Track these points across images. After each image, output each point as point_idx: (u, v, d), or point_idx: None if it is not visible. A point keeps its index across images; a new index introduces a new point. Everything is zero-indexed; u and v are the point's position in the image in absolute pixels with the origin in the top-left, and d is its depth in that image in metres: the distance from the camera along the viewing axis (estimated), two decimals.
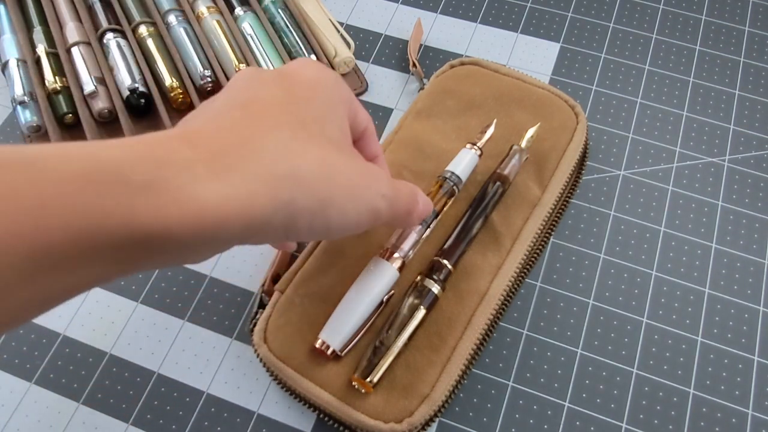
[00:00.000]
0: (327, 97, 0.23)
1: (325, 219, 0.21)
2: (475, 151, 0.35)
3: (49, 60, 0.42)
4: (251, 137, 0.20)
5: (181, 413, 0.34)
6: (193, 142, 0.18)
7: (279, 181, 0.19)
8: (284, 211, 0.19)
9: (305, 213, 0.20)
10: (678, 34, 0.46)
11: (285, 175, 0.19)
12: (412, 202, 0.27)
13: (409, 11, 0.48)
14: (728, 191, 0.40)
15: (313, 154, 0.21)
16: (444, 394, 0.31)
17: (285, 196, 0.19)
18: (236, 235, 0.18)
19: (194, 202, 0.17)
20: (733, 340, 0.35)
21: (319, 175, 0.21)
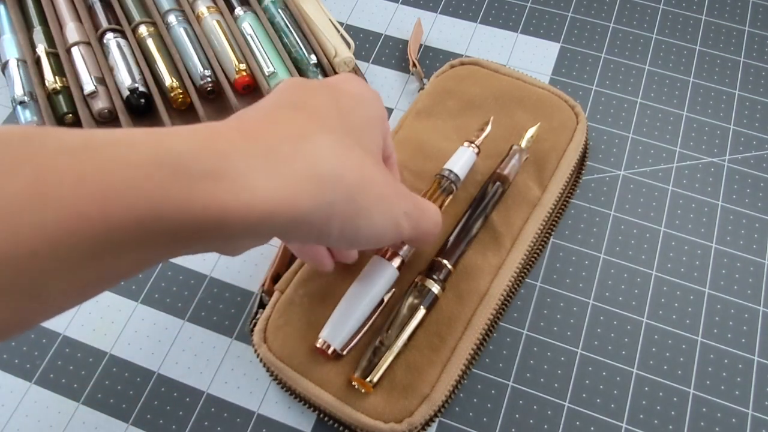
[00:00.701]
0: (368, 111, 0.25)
1: (355, 227, 0.22)
2: (473, 150, 0.35)
3: (49, 60, 0.42)
4: (302, 136, 0.20)
5: (181, 413, 0.34)
6: (250, 135, 0.19)
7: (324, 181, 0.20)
8: (323, 211, 0.20)
9: (340, 217, 0.21)
10: (678, 34, 0.46)
11: (330, 176, 0.20)
12: (435, 225, 0.28)
13: (409, 11, 0.48)
14: (728, 191, 0.40)
15: (355, 161, 0.22)
16: (444, 394, 0.31)
17: (327, 197, 0.20)
18: (279, 227, 0.19)
19: (249, 192, 0.18)
20: (733, 340, 0.35)
21: (359, 182, 0.21)
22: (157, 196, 0.16)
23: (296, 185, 0.19)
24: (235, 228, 0.18)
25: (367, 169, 0.22)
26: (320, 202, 0.20)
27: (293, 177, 0.19)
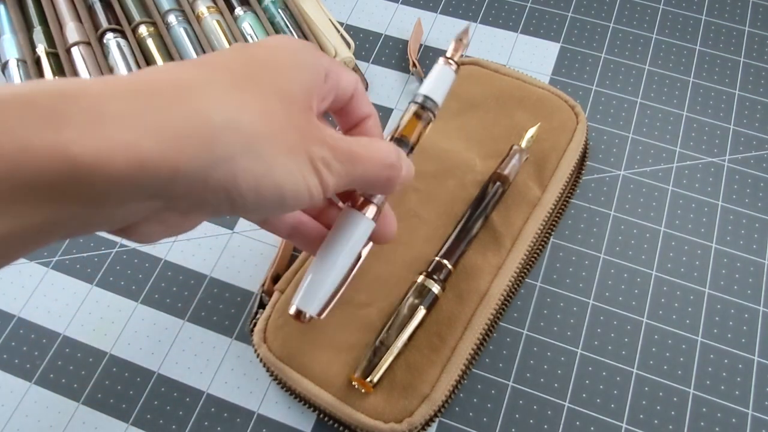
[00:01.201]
0: (287, 58, 0.22)
1: (274, 184, 0.19)
2: (452, 67, 0.28)
3: (49, 60, 0.42)
4: (187, 83, 0.18)
5: (181, 413, 0.34)
6: (133, 84, 0.17)
7: (215, 131, 0.17)
8: (223, 168, 0.18)
9: (249, 175, 0.18)
10: (678, 34, 0.46)
11: (222, 125, 0.18)
12: (384, 167, 0.23)
13: (409, 11, 0.48)
14: (728, 191, 0.40)
15: (256, 106, 0.19)
16: (444, 394, 0.31)
17: (221, 150, 0.18)
18: (165, 185, 0.17)
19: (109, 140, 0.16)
20: (733, 340, 0.35)
21: (264, 130, 0.19)
22: (22, 138, 0.15)
23: (173, 136, 0.17)
24: (97, 182, 0.16)
25: (273, 113, 0.19)
26: (213, 156, 0.17)
27: (170, 126, 0.17)
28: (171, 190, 0.17)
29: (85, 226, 0.18)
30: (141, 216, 0.19)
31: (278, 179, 0.19)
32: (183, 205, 0.19)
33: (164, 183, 0.17)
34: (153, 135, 0.16)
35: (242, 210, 0.20)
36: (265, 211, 0.20)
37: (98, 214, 0.17)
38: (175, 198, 0.18)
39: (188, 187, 0.18)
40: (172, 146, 0.17)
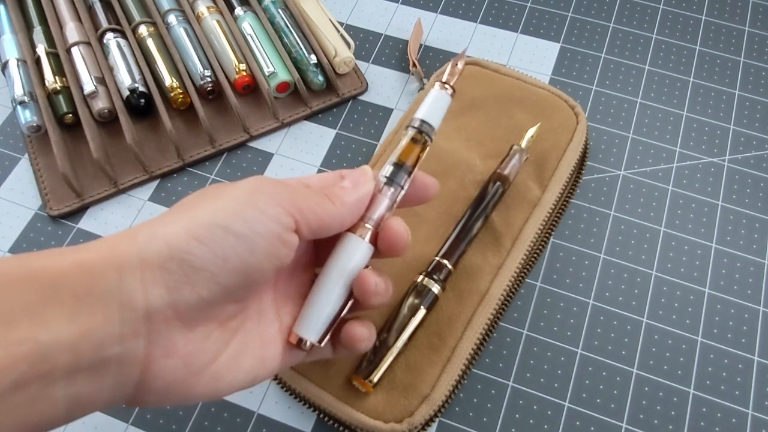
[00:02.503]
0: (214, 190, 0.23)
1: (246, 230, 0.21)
2: (448, 92, 0.29)
3: (49, 60, 0.42)
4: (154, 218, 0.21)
5: (181, 413, 0.34)
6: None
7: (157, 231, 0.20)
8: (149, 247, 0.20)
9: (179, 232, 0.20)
10: (678, 34, 0.46)
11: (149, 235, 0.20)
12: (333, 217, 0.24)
13: (409, 11, 0.48)
14: (728, 191, 0.40)
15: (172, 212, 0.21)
16: (444, 394, 0.31)
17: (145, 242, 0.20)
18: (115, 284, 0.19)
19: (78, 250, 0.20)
20: (733, 340, 0.35)
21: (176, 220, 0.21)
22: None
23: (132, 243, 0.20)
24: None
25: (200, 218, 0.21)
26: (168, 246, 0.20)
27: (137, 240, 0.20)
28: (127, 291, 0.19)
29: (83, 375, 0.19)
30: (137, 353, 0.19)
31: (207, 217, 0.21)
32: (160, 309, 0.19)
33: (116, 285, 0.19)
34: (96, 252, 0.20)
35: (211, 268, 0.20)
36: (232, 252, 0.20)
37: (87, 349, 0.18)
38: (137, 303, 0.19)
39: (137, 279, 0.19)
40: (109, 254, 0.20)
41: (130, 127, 0.40)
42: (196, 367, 0.21)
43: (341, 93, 0.44)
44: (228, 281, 0.20)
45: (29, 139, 0.42)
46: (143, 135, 0.42)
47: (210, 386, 0.21)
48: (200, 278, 0.20)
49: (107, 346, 0.18)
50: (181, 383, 0.20)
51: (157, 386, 0.20)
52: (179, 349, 0.20)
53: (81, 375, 0.18)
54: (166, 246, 0.19)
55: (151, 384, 0.20)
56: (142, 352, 0.19)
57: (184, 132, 0.42)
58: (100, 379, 0.19)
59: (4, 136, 0.43)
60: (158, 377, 0.20)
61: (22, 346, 0.17)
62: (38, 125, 0.41)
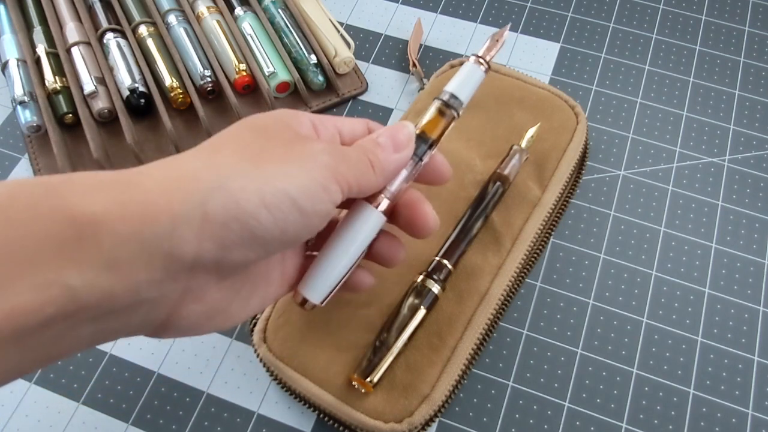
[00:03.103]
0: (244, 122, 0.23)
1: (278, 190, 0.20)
2: (482, 68, 0.28)
3: (49, 60, 0.42)
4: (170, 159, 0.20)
5: (181, 413, 0.34)
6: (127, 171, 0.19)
7: (195, 175, 0.19)
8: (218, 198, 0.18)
9: (248, 192, 0.19)
10: (678, 34, 0.46)
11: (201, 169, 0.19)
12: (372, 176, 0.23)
13: (409, 11, 0.48)
14: (728, 191, 0.40)
15: (230, 152, 0.20)
16: (444, 394, 0.31)
17: (207, 183, 0.19)
18: (167, 233, 0.17)
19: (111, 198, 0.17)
20: (733, 340, 0.35)
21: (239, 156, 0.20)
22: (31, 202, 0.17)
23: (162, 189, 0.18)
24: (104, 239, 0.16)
25: (249, 150, 0.20)
26: (201, 192, 0.18)
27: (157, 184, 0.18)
28: (179, 242, 0.18)
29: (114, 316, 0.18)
30: (172, 297, 0.19)
31: (280, 184, 0.20)
32: (205, 263, 0.19)
33: (168, 232, 0.17)
34: (144, 193, 0.17)
35: (268, 237, 0.20)
36: (292, 227, 0.20)
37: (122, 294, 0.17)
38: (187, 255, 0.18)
39: (193, 230, 0.18)
40: (162, 196, 0.18)
41: (130, 127, 0.40)
42: (217, 311, 0.21)
43: (341, 93, 0.44)
44: (275, 248, 0.21)
45: (29, 139, 0.42)
46: (143, 135, 0.42)
47: (221, 324, 0.22)
48: (255, 243, 0.20)
49: (144, 290, 0.18)
50: (201, 324, 0.21)
51: (180, 326, 0.20)
52: (208, 297, 0.21)
53: (111, 315, 0.18)
54: (235, 205, 0.18)
55: (175, 324, 0.20)
56: (174, 297, 0.19)
57: (184, 132, 0.42)
58: (129, 317, 0.18)
59: (4, 136, 0.43)
60: (183, 318, 0.20)
61: (52, 290, 0.16)
62: (38, 125, 0.41)
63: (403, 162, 0.24)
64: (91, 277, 0.16)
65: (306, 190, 0.20)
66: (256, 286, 0.23)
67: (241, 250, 0.19)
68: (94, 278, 0.16)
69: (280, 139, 0.22)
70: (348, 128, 0.25)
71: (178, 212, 0.18)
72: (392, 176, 0.24)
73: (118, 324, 0.18)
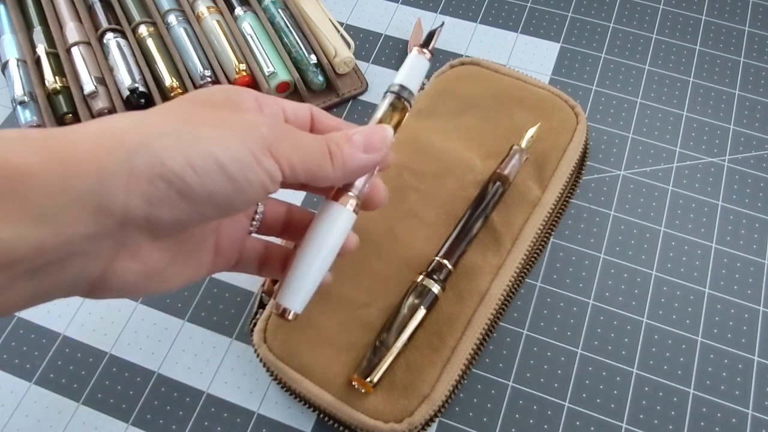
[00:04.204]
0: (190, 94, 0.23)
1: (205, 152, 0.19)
2: (426, 56, 0.28)
3: (49, 60, 0.42)
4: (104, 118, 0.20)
5: (181, 413, 0.34)
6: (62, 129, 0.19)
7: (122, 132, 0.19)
8: (143, 155, 0.18)
9: (173, 152, 0.19)
10: (678, 34, 0.46)
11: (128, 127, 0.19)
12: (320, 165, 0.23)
13: (409, 11, 0.48)
14: (728, 191, 0.40)
15: (164, 111, 0.20)
16: (444, 393, 0.31)
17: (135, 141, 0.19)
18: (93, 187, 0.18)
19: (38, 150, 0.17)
20: (733, 340, 0.35)
21: (172, 118, 0.20)
22: None
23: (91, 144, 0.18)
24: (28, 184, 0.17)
25: (183, 110, 0.21)
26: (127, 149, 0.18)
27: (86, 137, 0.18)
28: (107, 196, 0.18)
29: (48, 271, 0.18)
30: (104, 252, 0.19)
31: (208, 147, 0.19)
32: (135, 219, 0.19)
33: (95, 185, 0.17)
34: (71, 146, 0.18)
35: (197, 199, 0.19)
36: (221, 192, 0.20)
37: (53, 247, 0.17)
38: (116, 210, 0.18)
39: (120, 185, 0.18)
40: (89, 150, 0.18)
41: None
42: (152, 272, 0.21)
43: (341, 93, 0.44)
44: (206, 213, 0.20)
45: None
46: None
47: (156, 286, 0.22)
48: (182, 204, 0.19)
49: (75, 244, 0.18)
50: (136, 284, 0.21)
51: (115, 285, 0.20)
52: (142, 255, 0.21)
53: (45, 269, 0.18)
54: (159, 163, 0.18)
55: (110, 282, 0.20)
56: (107, 252, 0.19)
57: None
58: (63, 273, 0.19)
59: None
60: (118, 277, 0.20)
61: None
62: (38, 125, 0.41)
63: (370, 164, 0.24)
64: (21, 229, 0.16)
65: (235, 157, 0.20)
66: (191, 252, 0.23)
67: (168, 210, 0.19)
68: (23, 230, 0.17)
69: (219, 109, 0.22)
70: (291, 110, 0.25)
71: (105, 166, 0.18)
72: (355, 174, 0.24)
73: (53, 281, 0.19)
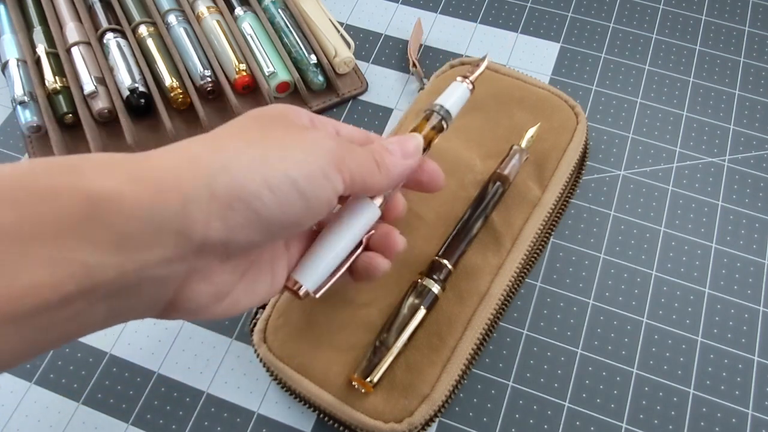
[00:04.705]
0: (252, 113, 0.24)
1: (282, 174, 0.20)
2: (467, 85, 0.30)
3: (49, 60, 0.42)
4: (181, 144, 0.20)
5: (181, 413, 0.34)
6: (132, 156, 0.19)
7: (203, 158, 0.19)
8: (223, 179, 0.19)
9: (253, 173, 0.20)
10: (678, 34, 0.46)
11: (209, 152, 0.20)
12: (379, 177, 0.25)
13: (409, 11, 0.48)
14: (728, 191, 0.40)
15: (236, 136, 0.21)
16: (444, 394, 0.31)
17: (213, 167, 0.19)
18: (176, 214, 0.18)
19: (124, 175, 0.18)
20: (733, 340, 0.35)
21: (248, 142, 0.21)
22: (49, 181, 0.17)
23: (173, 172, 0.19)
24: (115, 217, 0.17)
25: (253, 135, 0.21)
26: (208, 174, 0.19)
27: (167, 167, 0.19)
28: (188, 221, 0.18)
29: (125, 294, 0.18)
30: (179, 276, 0.20)
31: (282, 166, 0.20)
32: (213, 243, 0.19)
33: (178, 211, 0.18)
34: (155, 172, 0.18)
35: (271, 218, 0.20)
36: (293, 210, 0.21)
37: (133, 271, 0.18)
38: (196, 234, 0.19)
39: (202, 210, 0.19)
40: (172, 177, 0.18)
41: (130, 127, 0.40)
42: (223, 293, 0.22)
43: (341, 93, 0.44)
44: (278, 232, 0.21)
45: (29, 140, 0.42)
46: (143, 135, 0.42)
47: (227, 308, 0.23)
48: (258, 225, 0.20)
49: (154, 268, 0.18)
50: (208, 306, 0.22)
51: (187, 307, 0.21)
52: (214, 277, 0.21)
53: (123, 293, 0.18)
54: (238, 186, 0.19)
55: (182, 305, 0.21)
56: (181, 276, 0.20)
57: (184, 132, 0.42)
58: (139, 296, 0.19)
59: (4, 136, 0.43)
60: (190, 300, 0.21)
61: (72, 267, 0.16)
62: (38, 125, 0.41)
63: (409, 168, 0.26)
64: (105, 254, 0.17)
65: (307, 174, 0.21)
66: (260, 272, 0.24)
67: (246, 232, 0.20)
68: (107, 256, 0.17)
69: (282, 128, 0.22)
70: (346, 132, 0.26)
71: (187, 192, 0.18)
72: (397, 181, 0.25)
73: (129, 303, 0.19)
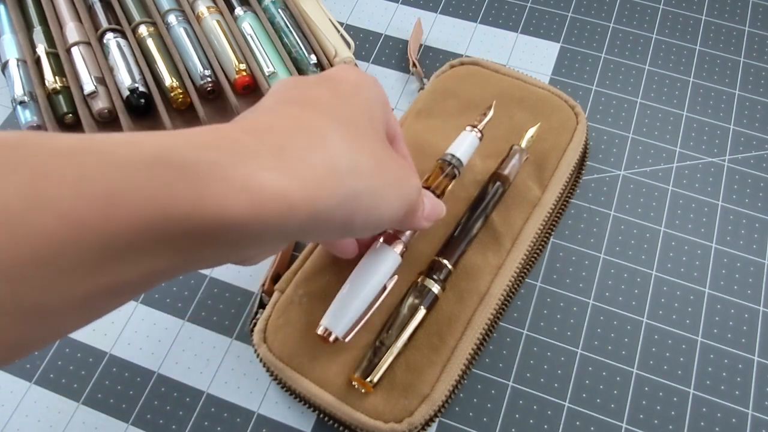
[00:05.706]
0: (368, 95, 0.24)
1: (378, 214, 0.22)
2: (476, 134, 0.34)
3: (49, 60, 0.42)
4: (313, 130, 0.20)
5: (181, 413, 0.34)
6: (257, 133, 0.18)
7: (342, 175, 0.19)
8: (347, 205, 0.20)
9: (364, 209, 0.21)
10: (678, 34, 0.46)
11: (348, 169, 0.20)
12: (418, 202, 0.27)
13: (409, 11, 0.48)
14: (728, 191, 0.40)
15: (369, 149, 0.21)
16: (444, 394, 0.31)
17: (348, 190, 0.20)
18: (300, 225, 0.18)
19: (263, 189, 0.17)
20: (733, 340, 0.35)
21: (376, 169, 0.21)
22: (162, 197, 0.15)
23: (315, 180, 0.18)
24: (250, 229, 0.17)
25: (380, 154, 0.22)
26: (341, 197, 0.19)
27: (309, 173, 0.18)
28: (304, 228, 0.19)
29: (214, 263, 0.19)
30: (270, 251, 0.22)
31: (383, 210, 0.22)
32: (303, 237, 0.21)
33: (302, 224, 0.18)
34: (297, 185, 0.18)
35: (348, 235, 0.22)
36: (361, 235, 0.23)
37: (235, 255, 0.19)
38: (303, 233, 0.20)
39: (318, 223, 0.19)
40: (312, 192, 0.18)
41: (130, 127, 0.40)
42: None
43: None
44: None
45: None
46: None
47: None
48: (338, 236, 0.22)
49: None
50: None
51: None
52: None
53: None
54: (348, 216, 0.20)
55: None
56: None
57: None
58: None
59: None
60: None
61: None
62: (38, 125, 0.41)
63: (425, 228, 0.28)
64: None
65: (393, 218, 0.24)
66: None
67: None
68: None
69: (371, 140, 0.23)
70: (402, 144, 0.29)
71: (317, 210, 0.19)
72: (421, 227, 0.28)
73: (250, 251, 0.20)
